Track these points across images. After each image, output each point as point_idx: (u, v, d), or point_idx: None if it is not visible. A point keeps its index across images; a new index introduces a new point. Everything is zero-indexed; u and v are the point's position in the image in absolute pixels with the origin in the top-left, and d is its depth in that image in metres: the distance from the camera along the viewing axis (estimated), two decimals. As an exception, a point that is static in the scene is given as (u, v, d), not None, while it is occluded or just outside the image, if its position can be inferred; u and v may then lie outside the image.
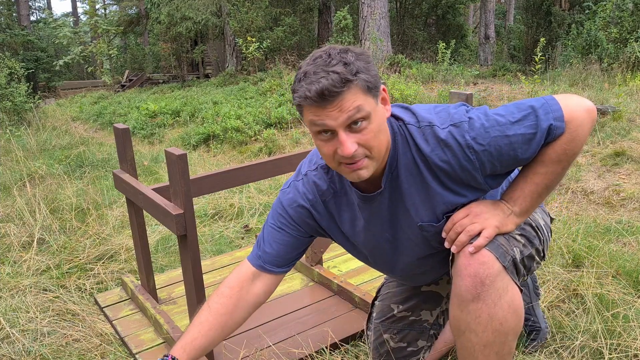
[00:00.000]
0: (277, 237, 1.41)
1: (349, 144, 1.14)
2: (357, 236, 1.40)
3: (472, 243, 1.21)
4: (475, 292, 1.20)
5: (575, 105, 1.21)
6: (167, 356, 1.29)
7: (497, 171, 1.24)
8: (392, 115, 1.27)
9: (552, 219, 1.55)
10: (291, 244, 1.41)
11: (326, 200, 1.37)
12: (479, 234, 1.22)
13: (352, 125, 1.14)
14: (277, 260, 1.41)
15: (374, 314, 1.66)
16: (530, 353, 1.69)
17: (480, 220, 1.23)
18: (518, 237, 1.27)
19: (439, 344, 1.66)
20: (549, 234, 1.45)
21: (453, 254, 1.27)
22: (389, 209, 1.31)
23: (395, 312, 1.60)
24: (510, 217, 1.26)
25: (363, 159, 1.18)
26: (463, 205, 1.27)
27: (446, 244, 1.27)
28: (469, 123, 1.20)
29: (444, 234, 1.28)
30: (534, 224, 1.36)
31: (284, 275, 1.46)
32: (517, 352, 1.66)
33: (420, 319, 1.59)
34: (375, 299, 1.70)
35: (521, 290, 1.26)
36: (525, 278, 1.32)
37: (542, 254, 1.37)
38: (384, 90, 1.20)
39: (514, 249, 1.25)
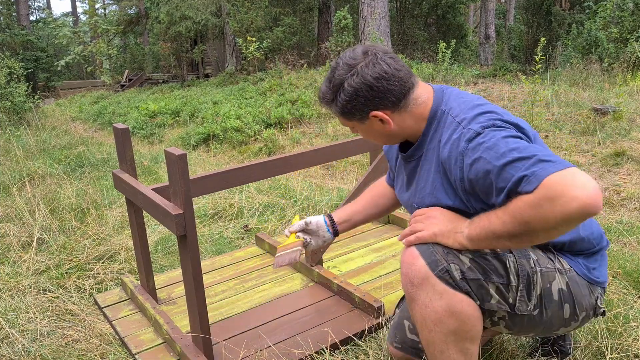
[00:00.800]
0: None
1: (353, 130, 1.43)
2: (398, 180, 1.57)
3: (408, 237, 1.30)
4: (408, 292, 1.28)
5: (567, 181, 1.03)
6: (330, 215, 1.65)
7: (478, 193, 1.24)
8: (446, 99, 1.35)
9: (598, 307, 1.39)
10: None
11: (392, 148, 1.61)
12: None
13: None
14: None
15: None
16: (531, 354, 1.69)
17: (426, 223, 1.29)
18: (463, 258, 1.25)
19: None
20: (566, 305, 1.32)
21: None
22: (410, 174, 1.45)
23: None
24: (457, 235, 1.25)
25: None
26: (447, 207, 1.32)
27: (399, 237, 1.36)
28: (476, 134, 1.21)
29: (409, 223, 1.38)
30: (511, 266, 1.28)
31: None
32: (520, 352, 1.66)
33: None
34: None
35: (484, 311, 1.27)
36: (477, 302, 1.26)
37: (506, 297, 1.28)
38: (374, 116, 1.31)
39: (451, 264, 1.24)
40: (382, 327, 1.87)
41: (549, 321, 1.33)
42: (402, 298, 1.68)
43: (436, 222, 1.28)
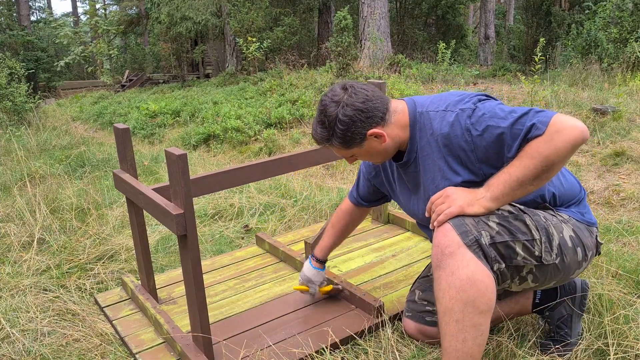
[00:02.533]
0: (361, 183, 1.96)
1: (349, 162, 1.64)
2: (399, 191, 1.75)
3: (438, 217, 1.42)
4: (437, 261, 1.39)
5: (564, 119, 1.33)
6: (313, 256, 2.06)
7: (490, 158, 1.42)
8: (415, 103, 1.56)
9: (599, 243, 1.62)
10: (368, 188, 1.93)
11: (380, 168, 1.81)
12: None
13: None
14: (363, 198, 1.97)
15: (424, 271, 1.89)
16: (532, 355, 1.69)
17: (448, 201, 1.42)
18: (491, 224, 1.40)
19: None
20: (578, 248, 1.52)
21: None
22: (414, 179, 1.62)
23: (430, 273, 1.78)
24: (480, 200, 1.41)
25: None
26: (461, 183, 1.46)
27: (430, 225, 1.47)
28: (473, 110, 1.43)
29: (427, 214, 1.49)
30: (530, 223, 1.45)
31: (370, 209, 2.11)
32: (520, 351, 1.66)
33: None
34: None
35: (498, 275, 1.41)
36: (502, 266, 1.41)
37: (534, 252, 1.44)
38: (372, 134, 1.50)
39: (482, 231, 1.38)
40: (382, 326, 1.87)
41: (568, 266, 1.50)
42: (418, 277, 1.90)
43: (456, 197, 1.42)
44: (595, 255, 1.63)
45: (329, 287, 2.09)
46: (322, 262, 2.05)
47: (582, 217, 1.58)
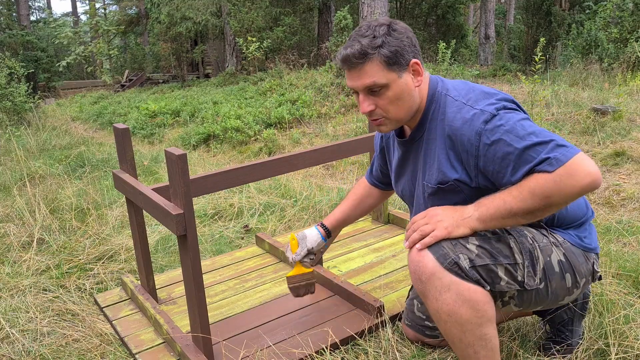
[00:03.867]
0: (375, 159, 1.84)
1: (365, 105, 1.40)
2: (394, 170, 1.65)
3: (422, 240, 1.32)
4: (419, 289, 1.34)
5: (580, 162, 1.21)
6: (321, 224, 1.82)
7: (489, 172, 1.32)
8: (442, 83, 1.45)
9: (595, 272, 1.49)
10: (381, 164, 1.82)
11: (386, 139, 1.71)
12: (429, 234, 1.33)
13: (372, 89, 1.37)
14: (378, 175, 1.86)
15: None
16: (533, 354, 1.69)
17: (433, 222, 1.33)
18: (470, 246, 1.32)
19: None
20: (567, 275, 1.41)
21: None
22: (412, 159, 1.52)
23: None
24: (467, 220, 1.32)
25: (381, 118, 1.43)
26: (453, 181, 1.38)
27: (404, 244, 1.38)
28: (492, 116, 1.30)
29: (405, 235, 1.39)
30: (515, 246, 1.36)
31: (389, 193, 1.92)
32: (521, 351, 1.66)
33: None
34: None
35: (495, 294, 1.34)
36: (486, 287, 1.32)
37: (515, 276, 1.35)
38: (416, 63, 1.37)
39: (460, 255, 1.30)
40: (382, 326, 1.87)
41: (554, 292, 1.41)
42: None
43: (441, 217, 1.34)
44: (592, 282, 1.53)
45: (309, 270, 1.83)
46: (328, 232, 1.83)
47: (580, 241, 1.46)
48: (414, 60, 1.37)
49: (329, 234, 1.83)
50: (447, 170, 1.39)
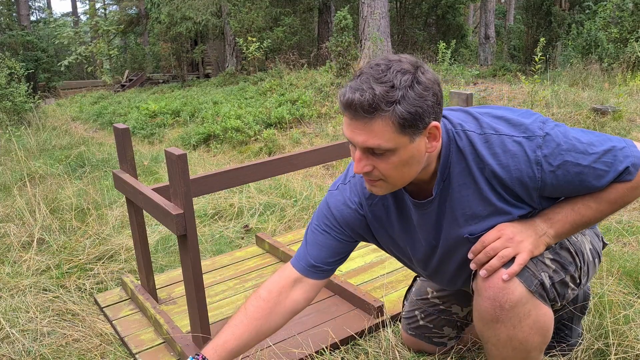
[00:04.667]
0: (321, 239, 1.38)
1: (361, 165, 1.13)
2: (403, 237, 1.37)
3: (507, 270, 1.17)
4: (495, 315, 1.20)
5: None
6: (198, 355, 1.29)
7: (556, 195, 1.21)
8: (449, 121, 1.22)
9: (604, 244, 1.48)
10: (334, 247, 1.39)
11: (373, 203, 1.34)
12: (512, 259, 1.18)
13: (374, 151, 1.11)
14: (320, 265, 1.39)
15: (413, 289, 1.72)
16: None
17: (513, 245, 1.18)
18: (548, 262, 1.23)
19: (467, 337, 1.71)
20: (596, 260, 1.39)
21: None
22: (436, 215, 1.27)
23: (429, 295, 1.66)
24: (542, 238, 1.21)
25: (378, 180, 1.17)
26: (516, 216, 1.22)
27: (472, 266, 1.23)
28: (544, 139, 1.14)
29: (470, 255, 1.23)
30: (572, 249, 1.30)
31: (324, 283, 1.45)
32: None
33: (450, 311, 1.64)
34: (418, 275, 1.71)
35: (555, 311, 1.28)
36: (557, 305, 1.28)
37: (577, 281, 1.30)
38: (435, 127, 1.11)
39: (542, 273, 1.21)
40: (382, 326, 1.87)
41: (587, 280, 1.38)
42: (408, 290, 1.76)
43: (519, 238, 1.19)
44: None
45: None
46: None
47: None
48: (433, 123, 1.10)
49: None
50: (509, 209, 1.21)
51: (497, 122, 1.19)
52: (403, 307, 1.77)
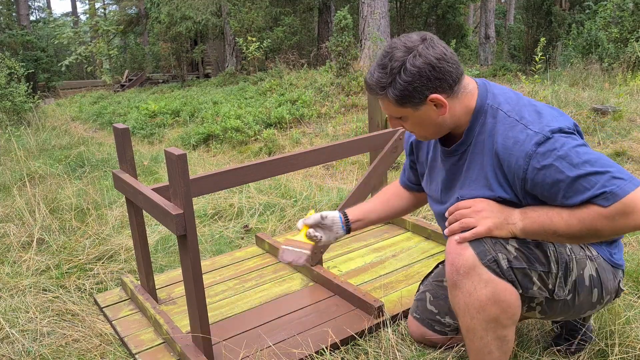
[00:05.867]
0: (406, 162, 1.76)
1: (392, 124, 1.45)
2: (429, 173, 1.60)
3: (461, 234, 1.31)
4: (452, 280, 1.32)
5: (637, 200, 1.17)
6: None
7: (537, 194, 1.29)
8: (494, 96, 1.37)
9: (620, 290, 1.50)
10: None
11: (419, 143, 1.64)
12: (471, 228, 1.31)
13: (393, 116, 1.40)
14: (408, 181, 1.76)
15: (433, 273, 1.78)
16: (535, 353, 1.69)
17: (477, 217, 1.31)
18: (511, 249, 1.31)
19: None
20: (595, 290, 1.42)
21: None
22: (451, 169, 1.46)
23: (444, 281, 1.66)
24: (510, 226, 1.30)
25: (412, 133, 1.47)
26: (500, 198, 1.33)
27: (445, 231, 1.37)
28: (546, 139, 1.24)
29: (446, 214, 1.37)
30: (550, 254, 1.35)
31: (418, 196, 1.78)
32: (524, 353, 1.66)
33: None
34: (442, 262, 1.75)
35: (524, 298, 1.33)
36: (518, 292, 1.32)
37: (548, 286, 1.35)
38: (436, 98, 1.30)
39: (499, 254, 1.29)
40: (382, 326, 1.87)
41: (579, 305, 1.42)
42: (427, 275, 1.81)
43: (487, 214, 1.31)
44: (615, 299, 1.53)
45: (310, 242, 1.59)
46: (348, 224, 1.66)
47: (611, 257, 1.46)
48: (433, 95, 1.29)
49: (349, 227, 1.66)
50: (497, 189, 1.34)
51: (528, 111, 1.31)
52: (418, 291, 1.79)
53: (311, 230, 1.59)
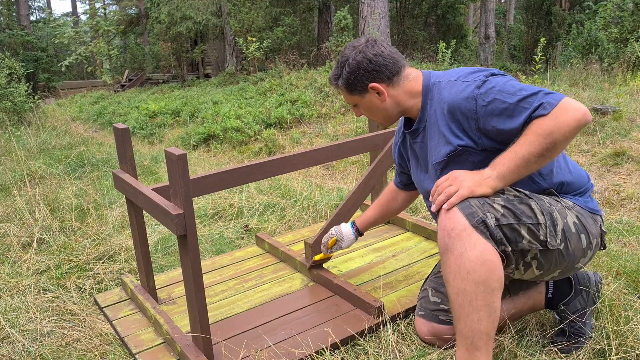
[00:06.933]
0: (397, 167, 2.01)
1: (355, 112, 1.75)
2: (413, 165, 1.81)
3: (448, 201, 1.41)
4: (444, 244, 1.39)
5: (571, 101, 1.38)
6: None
7: (490, 132, 1.46)
8: (436, 77, 1.61)
9: (603, 232, 1.62)
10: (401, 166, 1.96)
11: (402, 137, 1.86)
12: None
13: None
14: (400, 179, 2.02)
15: (432, 272, 1.90)
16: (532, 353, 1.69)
17: (456, 183, 1.42)
18: (497, 207, 1.41)
19: None
20: (583, 235, 1.52)
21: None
22: (421, 148, 1.69)
23: (440, 270, 1.75)
24: (487, 180, 1.42)
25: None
26: (460, 147, 1.50)
27: (432, 207, 1.46)
28: (483, 82, 1.47)
29: (431, 198, 1.47)
30: (535, 207, 1.45)
31: (410, 194, 2.06)
32: (521, 351, 1.66)
33: None
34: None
35: (503, 258, 1.41)
36: (507, 248, 1.41)
37: (540, 237, 1.44)
38: (373, 87, 1.61)
39: (487, 214, 1.38)
40: (382, 326, 1.87)
41: (572, 253, 1.51)
42: (426, 278, 1.89)
43: (463, 178, 1.43)
44: (601, 249, 1.64)
45: (330, 255, 2.22)
46: (359, 231, 2.13)
47: (586, 204, 1.59)
48: (371, 84, 1.60)
49: (360, 234, 2.14)
50: (452, 140, 1.51)
51: (463, 71, 1.56)
52: (422, 288, 1.86)
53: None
